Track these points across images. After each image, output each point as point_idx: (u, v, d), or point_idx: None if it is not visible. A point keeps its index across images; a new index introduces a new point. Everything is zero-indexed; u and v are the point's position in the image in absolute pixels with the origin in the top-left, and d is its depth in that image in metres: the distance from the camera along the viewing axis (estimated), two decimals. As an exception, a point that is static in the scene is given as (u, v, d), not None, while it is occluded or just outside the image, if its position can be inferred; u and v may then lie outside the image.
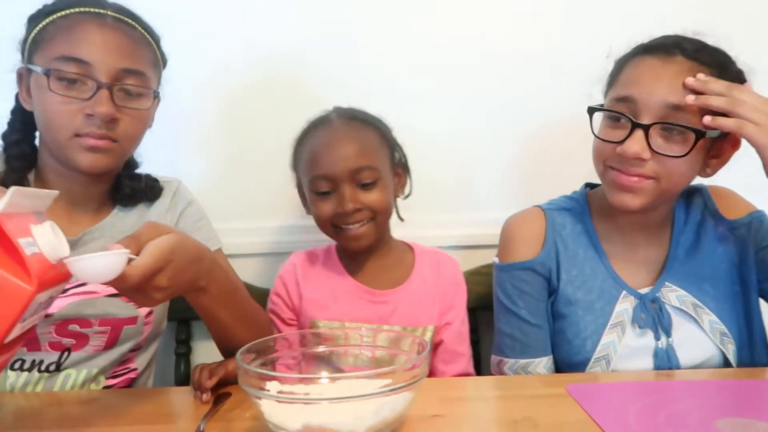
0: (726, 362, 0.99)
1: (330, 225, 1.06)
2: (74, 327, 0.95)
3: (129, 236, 0.72)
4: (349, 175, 1.02)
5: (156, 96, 0.99)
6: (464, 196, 1.40)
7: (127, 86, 0.93)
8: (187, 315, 1.29)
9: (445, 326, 1.10)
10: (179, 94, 1.07)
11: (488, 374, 1.10)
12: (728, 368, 0.99)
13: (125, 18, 0.94)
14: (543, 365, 1.02)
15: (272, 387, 0.69)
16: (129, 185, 1.04)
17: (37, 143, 1.00)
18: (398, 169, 1.12)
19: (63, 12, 0.92)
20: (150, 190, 1.07)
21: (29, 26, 0.94)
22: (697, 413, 0.77)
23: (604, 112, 0.97)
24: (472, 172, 1.40)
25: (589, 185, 1.13)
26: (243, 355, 0.74)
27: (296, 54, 1.34)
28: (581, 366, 1.00)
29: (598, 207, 1.07)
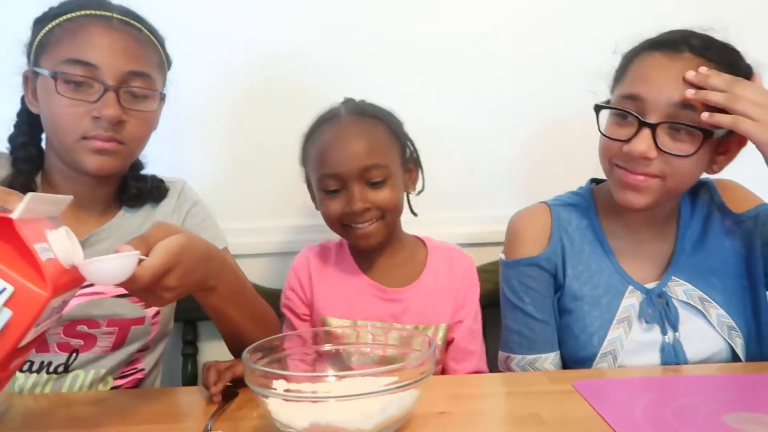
0: (734, 356, 0.99)
1: (339, 223, 1.05)
2: (82, 328, 0.96)
3: (138, 237, 0.72)
4: (359, 174, 1.00)
5: (162, 98, 0.99)
6: (469, 194, 1.40)
7: (134, 88, 0.93)
8: (194, 316, 1.30)
9: (457, 324, 1.09)
10: (183, 95, 1.07)
11: (495, 371, 1.10)
12: (736, 362, 0.98)
13: (131, 20, 0.95)
14: (550, 361, 1.02)
15: (279, 386, 0.69)
16: (135, 186, 1.05)
17: (44, 145, 1.01)
18: (409, 165, 1.10)
19: (69, 15, 0.92)
20: (156, 191, 1.07)
21: (35, 29, 0.95)
22: (705, 408, 0.76)
23: (611, 109, 0.97)
24: (477, 170, 1.40)
25: (595, 181, 1.13)
26: (250, 354, 0.74)
27: (299, 54, 1.34)
28: (588, 361, 1.00)
29: (604, 202, 1.07)
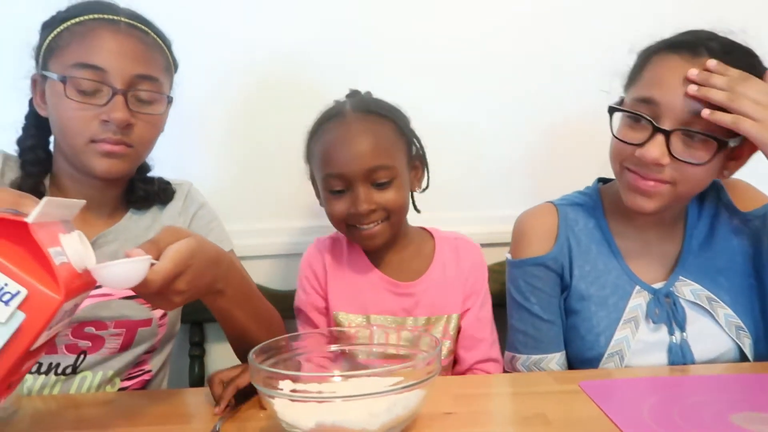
0: (742, 356, 0.98)
1: (344, 224, 1.05)
2: (90, 329, 0.97)
3: (149, 241, 0.72)
4: (364, 175, 1.00)
5: (169, 101, 1.00)
6: (474, 194, 1.40)
7: (142, 92, 0.94)
8: (201, 317, 1.30)
9: (466, 312, 1.09)
10: (188, 97, 1.08)
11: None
12: (744, 362, 0.98)
13: (138, 24, 0.95)
14: (556, 361, 1.02)
15: (285, 386, 0.69)
16: (142, 188, 1.05)
17: (52, 148, 1.02)
18: (416, 162, 1.09)
19: (77, 19, 0.93)
20: (163, 193, 1.08)
21: (43, 33, 0.95)
22: (712, 408, 0.76)
23: (624, 112, 0.95)
24: (482, 170, 1.40)
25: (602, 180, 1.12)
26: (256, 355, 0.75)
27: (302, 55, 1.34)
28: (594, 362, 0.99)
29: (611, 202, 1.06)
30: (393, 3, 1.35)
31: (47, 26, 0.95)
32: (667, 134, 0.89)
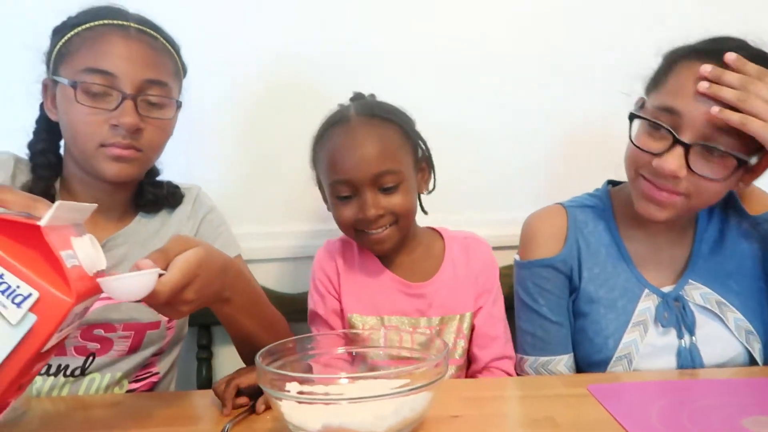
0: (751, 361, 0.98)
1: (352, 229, 1.05)
2: (99, 332, 0.97)
3: (158, 250, 0.72)
4: (371, 180, 1.00)
5: (178, 105, 1.00)
6: (482, 197, 1.40)
7: (151, 96, 0.94)
8: (209, 320, 1.30)
9: (479, 310, 1.09)
10: (197, 102, 1.09)
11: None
12: (754, 366, 0.97)
13: (148, 29, 0.96)
14: (563, 363, 1.02)
15: (292, 388, 0.69)
16: (151, 192, 1.06)
17: (62, 152, 1.02)
18: (422, 164, 1.09)
19: (88, 24, 0.94)
20: (172, 197, 1.09)
21: (54, 38, 0.96)
22: (723, 411, 0.76)
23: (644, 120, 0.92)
24: (489, 172, 1.40)
25: (611, 182, 1.12)
26: (262, 357, 0.75)
27: (310, 58, 1.34)
28: (602, 365, 0.99)
29: (622, 205, 1.06)
30: (405, 5, 1.35)
31: (58, 32, 0.96)
32: (687, 147, 0.87)
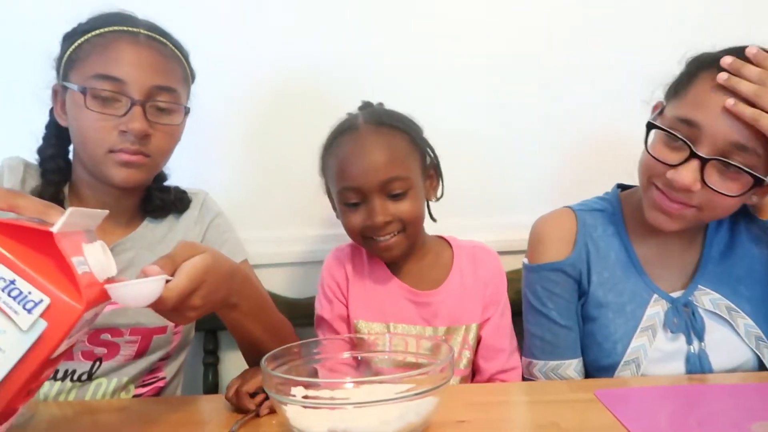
0: (761, 367, 0.96)
1: (360, 236, 1.05)
2: (106, 336, 0.98)
3: (165, 257, 0.73)
4: (379, 187, 1.00)
5: (186, 111, 1.01)
6: (489, 202, 1.40)
7: (160, 103, 0.95)
8: (215, 325, 1.31)
9: (486, 322, 1.09)
10: (205, 108, 1.09)
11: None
12: (763, 372, 0.96)
13: (157, 36, 0.97)
14: (573, 368, 1.01)
15: (297, 392, 0.69)
16: (159, 197, 1.07)
17: (71, 157, 1.03)
18: (430, 172, 1.10)
19: (98, 31, 0.94)
20: (179, 202, 1.09)
21: (64, 44, 0.97)
22: (732, 416, 0.75)
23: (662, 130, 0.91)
24: (497, 177, 1.39)
25: (621, 186, 1.11)
26: (268, 362, 0.75)
27: (318, 63, 1.35)
28: (610, 369, 0.98)
29: (631, 210, 1.05)
30: (413, 10, 1.35)
31: (68, 38, 0.97)
32: (704, 161, 0.86)
